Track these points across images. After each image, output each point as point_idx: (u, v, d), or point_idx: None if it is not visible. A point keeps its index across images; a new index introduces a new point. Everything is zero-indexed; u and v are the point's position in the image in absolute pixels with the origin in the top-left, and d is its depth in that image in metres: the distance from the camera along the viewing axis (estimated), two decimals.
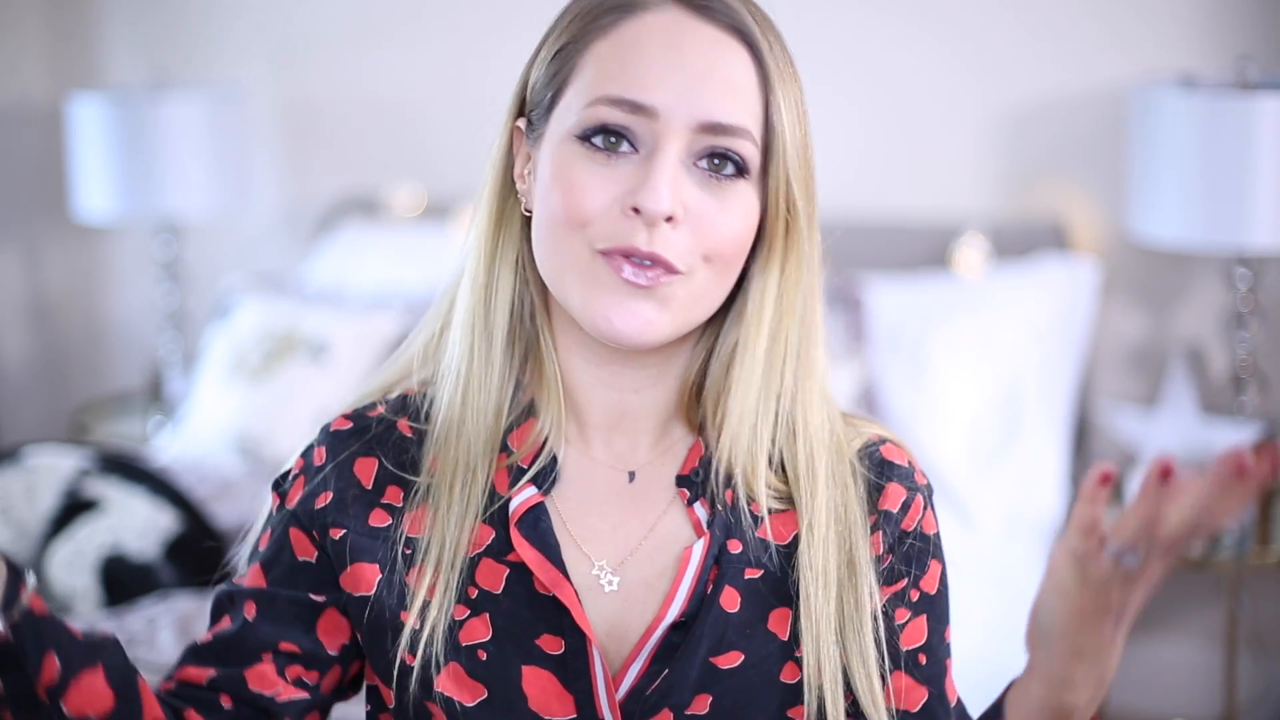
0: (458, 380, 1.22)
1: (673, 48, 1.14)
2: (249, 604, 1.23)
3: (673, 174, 1.13)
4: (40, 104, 4.26)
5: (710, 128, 1.14)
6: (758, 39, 1.16)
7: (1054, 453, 3.11)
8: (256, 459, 3.32)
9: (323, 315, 3.44)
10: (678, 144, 1.14)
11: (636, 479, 1.23)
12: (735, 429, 1.20)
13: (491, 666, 1.17)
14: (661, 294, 1.14)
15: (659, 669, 1.17)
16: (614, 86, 1.14)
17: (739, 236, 1.17)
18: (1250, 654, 3.21)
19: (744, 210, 1.16)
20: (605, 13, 1.17)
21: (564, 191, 1.15)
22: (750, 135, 1.15)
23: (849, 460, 1.23)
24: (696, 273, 1.15)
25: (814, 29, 3.47)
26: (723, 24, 1.16)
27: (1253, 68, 2.95)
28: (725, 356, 1.21)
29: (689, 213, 1.14)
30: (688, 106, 1.13)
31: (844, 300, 3.14)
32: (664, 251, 1.13)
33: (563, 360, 1.23)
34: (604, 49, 1.16)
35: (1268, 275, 3.15)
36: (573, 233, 1.14)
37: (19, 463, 2.86)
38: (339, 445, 1.24)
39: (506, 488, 1.21)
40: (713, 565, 1.19)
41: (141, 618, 2.58)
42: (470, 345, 1.22)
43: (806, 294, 1.21)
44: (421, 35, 3.87)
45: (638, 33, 1.15)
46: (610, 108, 1.14)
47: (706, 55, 1.15)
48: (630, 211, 1.13)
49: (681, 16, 1.16)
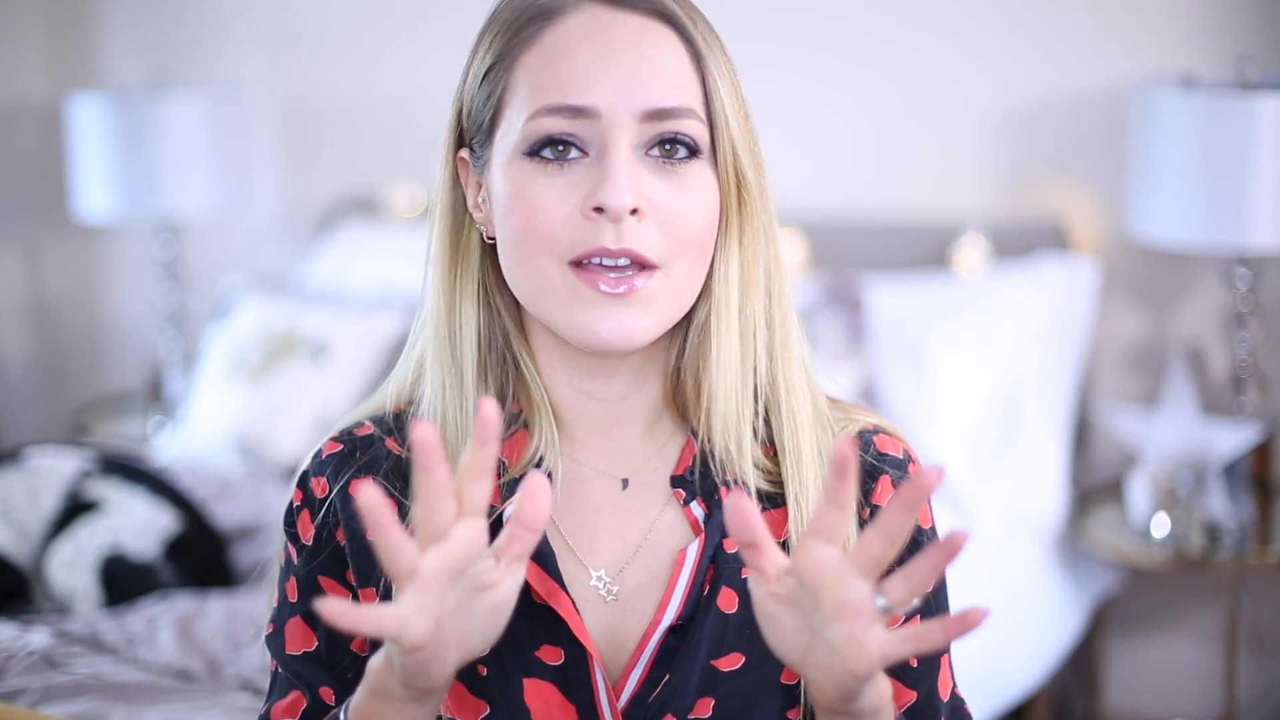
0: (436, 418, 1.21)
1: (600, 44, 1.14)
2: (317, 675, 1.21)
3: (628, 167, 1.13)
4: (40, 104, 4.26)
5: (654, 114, 1.14)
6: (680, 18, 1.16)
7: (1054, 453, 3.11)
8: (256, 459, 3.32)
9: (323, 315, 3.44)
10: (626, 137, 1.13)
11: (630, 485, 1.22)
12: (718, 407, 1.19)
13: (492, 682, 1.17)
14: (642, 297, 1.13)
15: (660, 674, 1.17)
16: (550, 95, 1.13)
17: (706, 219, 1.16)
18: (1250, 654, 3.21)
19: (704, 191, 1.16)
20: (525, 25, 1.16)
21: (523, 212, 1.14)
22: (694, 113, 1.15)
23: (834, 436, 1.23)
24: (674, 265, 1.15)
25: (814, 29, 3.47)
26: (643, 10, 1.16)
27: (1253, 68, 2.95)
28: (697, 336, 1.20)
29: (652, 205, 1.14)
30: (627, 99, 1.13)
31: (844, 300, 3.14)
32: (634, 245, 1.12)
33: (546, 378, 1.22)
34: (532, 61, 1.15)
35: (1268, 275, 3.15)
36: (541, 252, 1.14)
37: (20, 464, 2.86)
38: (336, 472, 1.22)
39: (499, 500, 1.20)
40: (709, 565, 1.19)
41: (141, 618, 2.58)
42: (442, 383, 1.21)
43: (768, 264, 1.21)
44: (422, 35, 3.87)
45: (562, 37, 1.15)
46: (551, 117, 1.13)
47: (634, 44, 1.14)
48: (593, 213, 1.12)
49: (601, 11, 1.15)
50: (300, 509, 1.24)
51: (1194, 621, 3.34)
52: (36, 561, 2.79)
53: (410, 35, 3.88)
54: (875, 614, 0.98)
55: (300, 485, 1.25)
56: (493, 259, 1.21)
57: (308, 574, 1.22)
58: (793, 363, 1.22)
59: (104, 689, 2.24)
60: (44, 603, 2.77)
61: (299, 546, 1.23)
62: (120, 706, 2.18)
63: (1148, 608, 3.36)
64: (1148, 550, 2.92)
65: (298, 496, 1.24)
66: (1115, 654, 3.37)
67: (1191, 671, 3.33)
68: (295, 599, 1.23)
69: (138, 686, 2.27)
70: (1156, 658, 3.36)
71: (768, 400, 1.21)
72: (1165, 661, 3.36)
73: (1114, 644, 3.37)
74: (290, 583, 1.24)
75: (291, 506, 1.24)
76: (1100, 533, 3.01)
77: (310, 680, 1.21)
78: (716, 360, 1.19)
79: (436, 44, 3.84)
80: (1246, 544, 2.91)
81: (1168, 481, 2.95)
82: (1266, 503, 3.06)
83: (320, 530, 1.22)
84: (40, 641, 2.39)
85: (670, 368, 1.22)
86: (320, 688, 1.21)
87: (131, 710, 2.17)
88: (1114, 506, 3.11)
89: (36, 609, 2.75)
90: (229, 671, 2.41)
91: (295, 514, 1.24)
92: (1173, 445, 3.01)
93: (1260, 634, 3.20)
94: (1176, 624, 3.35)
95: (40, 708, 2.19)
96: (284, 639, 1.22)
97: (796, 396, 1.21)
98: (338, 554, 1.22)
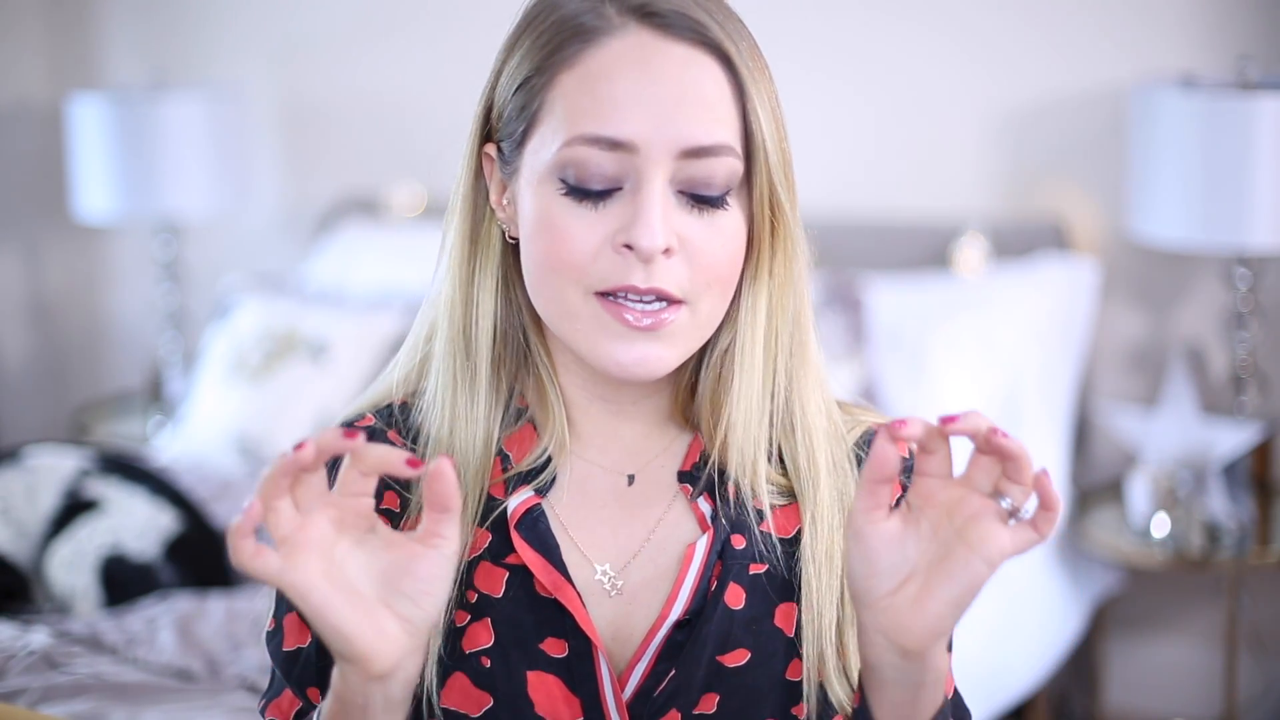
0: (443, 411, 1.20)
1: (643, 75, 1.11)
2: (306, 675, 1.21)
3: (662, 207, 1.11)
4: (40, 104, 4.26)
5: (692, 151, 1.11)
6: (727, 47, 1.13)
7: (1054, 452, 3.11)
8: (256, 459, 3.32)
9: (323, 315, 3.44)
10: (662, 174, 1.11)
11: (636, 481, 1.22)
12: (734, 433, 1.19)
13: (496, 674, 1.16)
14: (667, 331, 1.13)
15: (665, 669, 1.17)
16: (588, 124, 1.11)
17: (733, 256, 1.15)
18: (1250, 654, 3.21)
19: (734, 229, 1.15)
20: (567, 41, 1.13)
21: (551, 238, 1.12)
22: (732, 150, 1.13)
23: (846, 445, 1.23)
24: (699, 302, 1.14)
25: (814, 29, 3.47)
26: (690, 40, 1.12)
27: (1253, 68, 2.95)
28: (718, 361, 1.19)
29: (682, 243, 1.12)
30: (666, 135, 1.11)
31: (844, 300, 3.14)
32: (663, 284, 1.11)
33: (560, 376, 1.22)
34: (571, 83, 1.12)
35: (1268, 275, 3.15)
36: (566, 280, 1.13)
37: (20, 463, 2.86)
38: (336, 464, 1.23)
39: (504, 494, 1.20)
40: (716, 561, 1.19)
41: (141, 618, 2.58)
42: (453, 376, 1.20)
43: (797, 290, 1.20)
44: (422, 35, 3.87)
45: (603, 63, 1.12)
46: (587, 147, 1.11)
47: (678, 77, 1.11)
48: (623, 249, 1.11)
49: (647, 38, 1.12)
50: None
51: (1194, 621, 3.34)
52: (36, 561, 2.79)
53: (410, 35, 3.88)
54: (1002, 511, 1.04)
55: None
56: (514, 255, 1.20)
57: None
58: (809, 383, 1.21)
59: (104, 689, 2.24)
60: (44, 603, 2.77)
61: None
62: (120, 706, 2.18)
63: (1148, 608, 3.36)
64: (1148, 550, 2.92)
65: None
66: (1115, 654, 3.37)
67: (1191, 671, 3.33)
68: None
69: (138, 686, 2.27)
70: (1156, 658, 3.36)
71: (782, 420, 1.21)
72: (1165, 661, 3.36)
73: (1114, 644, 3.37)
74: None
75: None
76: (1100, 533, 3.01)
77: (300, 679, 1.20)
78: (736, 389, 1.19)
79: (436, 44, 3.84)
80: (1246, 544, 2.91)
81: (1168, 481, 2.95)
82: (1266, 503, 3.06)
83: None
84: (40, 641, 2.39)
85: (684, 384, 1.22)
86: (309, 688, 1.21)
87: (131, 710, 2.17)
88: (1114, 506, 3.11)
89: (36, 609, 2.75)
90: (229, 671, 2.41)
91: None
92: (1173, 445, 3.01)
93: (1260, 634, 3.20)
94: (1176, 624, 3.35)
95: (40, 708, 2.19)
96: (283, 635, 1.22)
97: (812, 415, 1.21)
98: None
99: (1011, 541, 1.04)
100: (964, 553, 1.03)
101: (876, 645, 1.07)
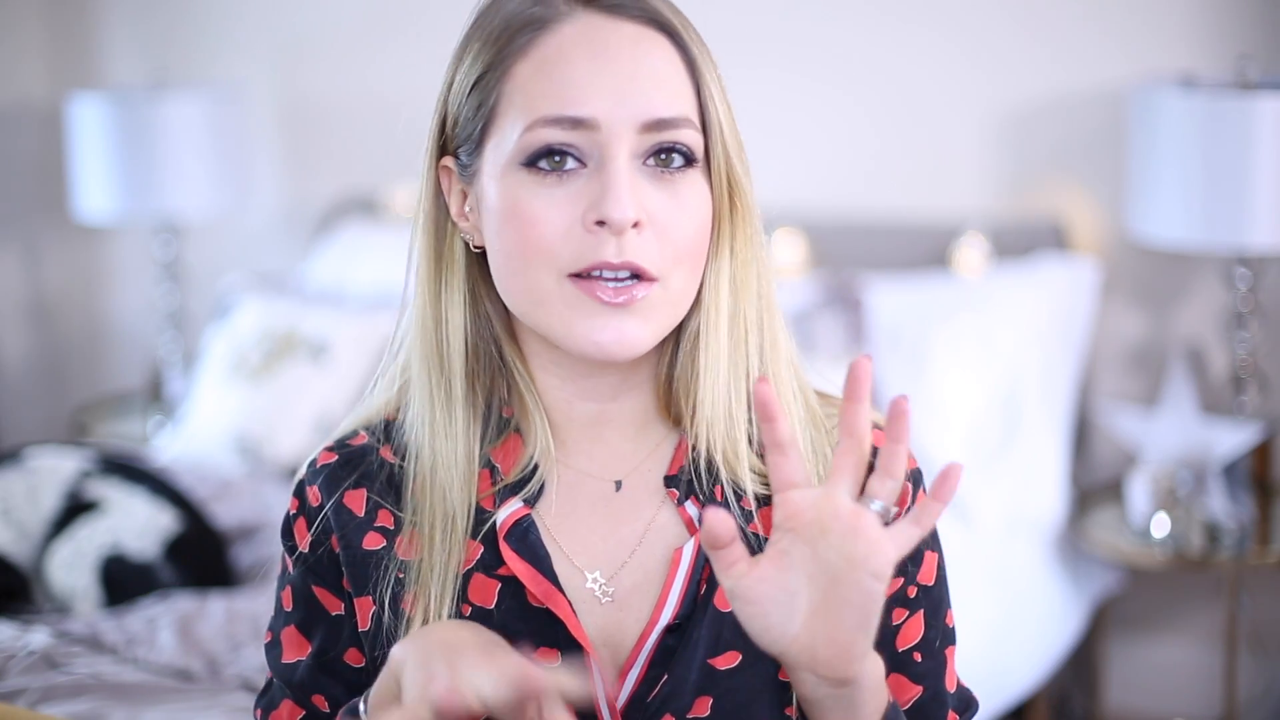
0: (424, 428, 1.21)
1: (596, 54, 1.13)
2: (309, 683, 1.22)
3: (629, 179, 1.12)
4: (40, 104, 4.26)
5: (653, 125, 1.13)
6: (674, 25, 1.16)
7: (1054, 453, 3.11)
8: (256, 459, 3.32)
9: (323, 315, 3.44)
10: (625, 148, 1.12)
11: (623, 486, 1.22)
12: (710, 415, 1.19)
13: None
14: (640, 307, 1.13)
15: (657, 674, 1.17)
16: (547, 106, 1.12)
17: (701, 230, 1.16)
18: (1250, 654, 3.21)
19: (699, 201, 1.16)
20: (517, 33, 1.15)
21: (520, 224, 1.13)
22: (691, 122, 1.15)
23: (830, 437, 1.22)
24: (671, 277, 1.14)
25: (814, 29, 3.47)
26: (638, 18, 1.15)
27: (1253, 68, 2.95)
28: (689, 344, 1.20)
29: (650, 217, 1.13)
30: (626, 109, 1.12)
31: (844, 300, 3.14)
32: (636, 258, 1.12)
33: (538, 381, 1.22)
34: (526, 71, 1.14)
35: (1268, 275, 3.15)
36: (539, 264, 1.13)
37: (21, 464, 2.86)
38: (331, 482, 1.23)
39: (493, 505, 1.20)
40: (705, 564, 1.18)
41: (141, 618, 2.58)
42: (430, 394, 1.21)
43: (760, 269, 1.20)
44: (422, 36, 3.87)
45: (557, 46, 1.13)
46: (549, 128, 1.12)
47: (631, 53, 1.13)
48: (594, 226, 1.12)
49: (596, 20, 1.14)
50: (296, 517, 1.24)
51: (1194, 621, 3.34)
52: (36, 561, 2.79)
53: (410, 35, 3.88)
54: (875, 515, 1.04)
55: (296, 494, 1.25)
56: (479, 266, 1.21)
57: (302, 582, 1.23)
58: (781, 365, 1.21)
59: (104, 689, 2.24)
60: (44, 603, 2.77)
61: (295, 555, 1.24)
62: (120, 706, 2.18)
63: (1148, 608, 3.36)
64: (1148, 550, 2.92)
65: (293, 505, 1.25)
66: (1115, 654, 3.37)
67: (1191, 671, 3.33)
68: (290, 608, 1.24)
69: (138, 686, 2.27)
70: (1156, 658, 3.36)
71: None
72: (1165, 661, 3.36)
73: (1114, 644, 3.37)
74: (286, 591, 1.25)
75: (288, 515, 1.25)
76: (1100, 533, 3.01)
77: (304, 686, 1.21)
78: (705, 369, 1.19)
79: (436, 44, 3.83)
80: (1246, 544, 2.91)
81: (1168, 481, 2.96)
82: (1266, 503, 3.06)
83: (315, 539, 1.23)
84: (40, 641, 2.39)
85: (662, 375, 1.22)
86: (313, 695, 1.22)
87: (131, 710, 2.17)
88: (1114, 506, 3.11)
89: (36, 609, 2.76)
90: (229, 671, 2.42)
91: (291, 523, 1.25)
92: (1173, 445, 3.01)
93: (1260, 634, 3.20)
94: (1176, 624, 3.36)
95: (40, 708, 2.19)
96: (281, 648, 1.23)
97: (787, 399, 1.21)
98: (333, 562, 1.22)
99: (895, 547, 1.04)
100: (852, 573, 1.03)
101: (807, 683, 1.09)
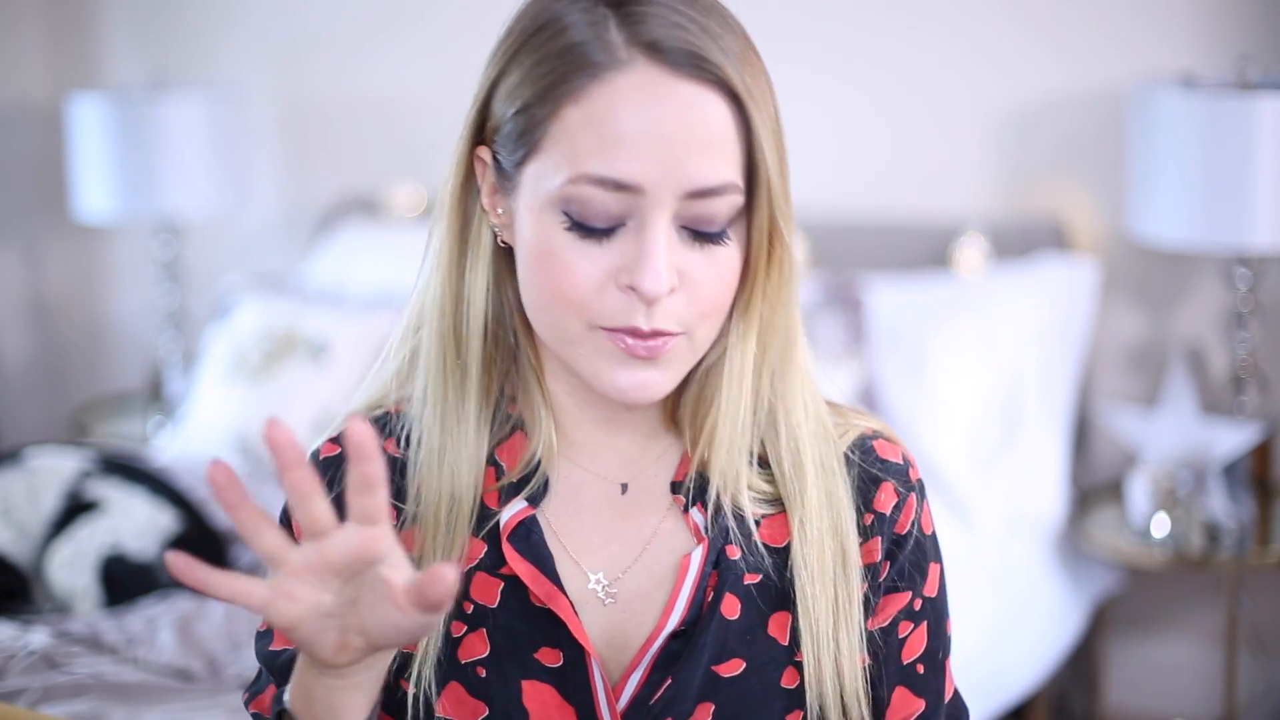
0: (434, 412, 1.19)
1: (650, 116, 1.09)
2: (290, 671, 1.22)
3: (666, 248, 1.10)
4: (40, 104, 4.26)
5: (697, 193, 1.10)
6: (734, 83, 1.11)
7: (1054, 453, 3.11)
8: (256, 459, 3.32)
9: (323, 315, 3.44)
10: (666, 215, 1.10)
11: (630, 489, 1.22)
12: (718, 447, 1.19)
13: (490, 684, 1.16)
14: (666, 358, 1.13)
15: (660, 678, 1.17)
16: (594, 164, 1.09)
17: (729, 287, 1.15)
18: (1250, 654, 3.21)
19: (732, 261, 1.14)
20: (572, 73, 1.10)
21: (554, 270, 1.12)
22: (735, 187, 1.12)
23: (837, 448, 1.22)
24: (697, 330, 1.13)
25: (814, 28, 3.47)
26: (696, 78, 1.10)
27: (1253, 68, 2.95)
28: (703, 373, 1.19)
29: (683, 278, 1.12)
30: (673, 177, 1.09)
31: (844, 300, 3.14)
32: (664, 325, 1.11)
33: (548, 382, 1.21)
34: (576, 118, 1.10)
35: (1268, 275, 3.15)
36: (568, 311, 1.12)
37: (21, 464, 2.86)
38: (333, 473, 1.21)
39: (497, 503, 1.20)
40: (711, 572, 1.18)
41: (141, 618, 2.58)
42: (443, 376, 1.19)
43: (788, 308, 1.19)
44: (422, 36, 3.87)
45: (611, 99, 1.09)
46: (592, 186, 1.09)
47: (685, 119, 1.10)
48: (627, 289, 1.11)
49: (655, 75, 1.10)
50: None
51: (1194, 621, 3.34)
52: (36, 561, 2.79)
53: (410, 36, 3.88)
54: None
55: None
56: (505, 256, 1.19)
57: None
58: (794, 384, 1.20)
59: (104, 689, 2.24)
60: (44, 603, 2.77)
61: None
62: (120, 706, 2.19)
63: (1148, 608, 3.36)
64: (1148, 550, 2.93)
65: None
66: (1115, 654, 3.37)
67: (1191, 671, 3.33)
68: None
69: (138, 686, 2.27)
70: (1156, 658, 3.36)
71: (766, 421, 1.20)
72: (1165, 661, 3.36)
73: (1114, 644, 3.37)
74: None
75: (286, 505, 1.24)
76: (1100, 533, 3.01)
77: (282, 674, 1.21)
78: (723, 409, 1.18)
79: (436, 45, 3.84)
80: (1246, 544, 2.92)
81: (1168, 481, 2.96)
82: (1266, 503, 3.06)
83: None
84: (40, 641, 2.39)
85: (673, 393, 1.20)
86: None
87: (131, 710, 2.18)
88: (1114, 506, 3.11)
89: (36, 609, 2.76)
90: (229, 671, 2.42)
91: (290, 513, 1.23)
92: (1173, 445, 3.01)
93: (1260, 634, 3.20)
94: (1176, 624, 3.36)
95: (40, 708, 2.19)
96: (271, 636, 1.23)
97: (797, 418, 1.20)
98: None
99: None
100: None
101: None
